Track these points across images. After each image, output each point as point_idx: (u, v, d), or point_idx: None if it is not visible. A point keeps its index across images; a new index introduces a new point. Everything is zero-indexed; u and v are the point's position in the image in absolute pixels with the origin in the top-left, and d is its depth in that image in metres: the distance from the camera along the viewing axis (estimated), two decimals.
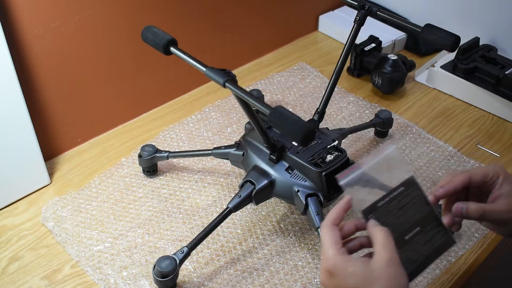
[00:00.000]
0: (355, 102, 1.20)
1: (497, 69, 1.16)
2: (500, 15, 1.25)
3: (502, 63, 1.17)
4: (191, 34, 1.15)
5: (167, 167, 1.02)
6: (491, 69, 1.16)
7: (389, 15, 0.90)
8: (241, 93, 0.71)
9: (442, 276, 0.84)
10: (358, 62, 1.26)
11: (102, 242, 0.88)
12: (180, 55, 0.77)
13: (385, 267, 0.55)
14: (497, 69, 1.16)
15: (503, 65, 1.17)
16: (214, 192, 0.98)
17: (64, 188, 0.98)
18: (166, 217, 0.93)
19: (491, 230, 0.72)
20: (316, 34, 1.45)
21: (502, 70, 1.15)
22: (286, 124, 0.64)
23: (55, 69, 0.96)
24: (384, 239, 0.57)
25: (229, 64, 1.29)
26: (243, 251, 0.87)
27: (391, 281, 0.55)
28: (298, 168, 0.83)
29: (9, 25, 0.87)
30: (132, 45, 1.05)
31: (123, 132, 1.11)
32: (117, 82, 1.07)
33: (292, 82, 1.26)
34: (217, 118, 1.15)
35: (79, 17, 0.95)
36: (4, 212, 0.93)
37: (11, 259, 0.85)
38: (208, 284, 0.82)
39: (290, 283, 0.82)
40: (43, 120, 0.99)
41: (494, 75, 1.14)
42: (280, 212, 0.94)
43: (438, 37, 0.82)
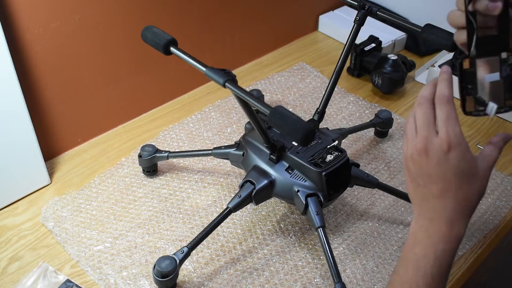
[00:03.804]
0: (355, 102, 1.20)
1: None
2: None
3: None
4: (191, 34, 1.15)
5: (167, 167, 1.02)
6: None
7: (389, 15, 0.90)
8: (241, 93, 0.71)
9: None
10: (358, 62, 1.26)
11: (102, 242, 0.88)
12: (180, 55, 0.77)
13: (487, 170, 0.59)
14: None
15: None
16: (214, 192, 0.98)
17: (64, 188, 0.98)
18: (166, 217, 0.93)
19: None
20: (316, 34, 1.45)
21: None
22: (286, 124, 0.64)
23: (55, 69, 0.96)
24: (492, 155, 0.60)
25: (229, 64, 1.29)
26: (243, 251, 0.87)
27: (485, 185, 0.60)
28: (298, 168, 0.83)
29: (9, 25, 0.87)
30: (132, 45, 1.05)
31: (123, 132, 1.11)
32: (117, 82, 1.07)
33: (292, 82, 1.26)
34: (217, 118, 1.15)
35: (79, 17, 0.95)
36: (4, 212, 0.93)
37: (11, 259, 0.86)
38: (208, 284, 0.82)
39: (290, 283, 0.82)
40: (43, 120, 0.99)
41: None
42: (280, 212, 0.94)
43: (438, 37, 0.82)
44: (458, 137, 0.57)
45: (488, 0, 0.58)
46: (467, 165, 0.58)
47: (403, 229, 0.91)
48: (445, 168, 0.58)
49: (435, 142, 0.58)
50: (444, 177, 0.58)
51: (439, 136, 0.58)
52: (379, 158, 1.06)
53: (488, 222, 0.93)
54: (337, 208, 0.95)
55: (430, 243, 0.59)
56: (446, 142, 0.57)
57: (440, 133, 0.58)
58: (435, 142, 0.58)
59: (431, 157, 0.58)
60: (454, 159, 0.57)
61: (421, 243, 0.60)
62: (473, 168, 0.58)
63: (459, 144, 0.57)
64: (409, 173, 0.62)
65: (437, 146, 0.58)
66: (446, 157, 0.57)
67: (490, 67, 0.60)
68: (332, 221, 0.92)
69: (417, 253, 0.60)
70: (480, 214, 0.94)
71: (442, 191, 0.59)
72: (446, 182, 0.58)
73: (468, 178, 0.58)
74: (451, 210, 0.59)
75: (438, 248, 0.59)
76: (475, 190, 0.59)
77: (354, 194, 0.98)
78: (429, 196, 0.60)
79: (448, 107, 0.58)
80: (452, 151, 0.57)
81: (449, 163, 0.57)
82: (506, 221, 0.93)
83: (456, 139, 0.57)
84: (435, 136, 0.58)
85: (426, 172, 0.59)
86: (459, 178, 0.58)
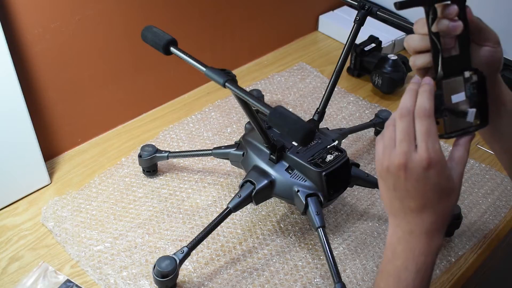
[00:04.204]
0: (355, 102, 1.20)
1: None
2: (498, 15, 1.25)
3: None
4: (191, 34, 1.15)
5: (167, 167, 1.02)
6: None
7: (389, 15, 0.90)
8: (241, 93, 0.71)
9: (442, 276, 0.84)
10: (358, 62, 1.26)
11: (102, 242, 0.88)
12: (180, 55, 0.77)
13: (460, 175, 0.59)
14: None
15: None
16: (214, 192, 0.98)
17: (64, 188, 0.98)
18: (166, 217, 0.93)
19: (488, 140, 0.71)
20: (316, 34, 1.45)
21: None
22: (286, 124, 0.64)
23: (55, 69, 0.96)
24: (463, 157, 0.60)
25: (229, 64, 1.29)
26: (243, 251, 0.87)
27: (458, 195, 0.60)
28: (298, 168, 0.83)
29: (9, 25, 0.87)
30: (132, 45, 1.05)
31: (123, 132, 1.11)
32: (117, 82, 1.07)
33: (292, 82, 1.26)
34: (217, 118, 1.15)
35: (79, 17, 0.95)
36: (4, 212, 0.93)
37: (11, 259, 0.85)
38: (208, 284, 0.82)
39: (290, 283, 0.82)
40: (43, 120, 0.99)
41: None
42: (280, 212, 0.94)
43: None
44: (437, 154, 0.56)
45: (449, 21, 0.59)
46: (446, 181, 0.58)
47: None
48: (424, 185, 0.57)
49: (414, 158, 0.56)
50: (423, 193, 0.57)
51: (419, 152, 0.56)
52: None
53: (488, 222, 0.93)
54: (337, 208, 0.95)
55: (412, 256, 0.59)
56: (426, 159, 0.56)
57: (420, 149, 0.56)
58: (414, 159, 0.56)
59: (410, 173, 0.57)
60: (434, 176, 0.56)
61: (402, 256, 0.60)
62: (451, 183, 0.58)
63: (439, 162, 0.56)
64: (384, 183, 0.60)
65: (417, 163, 0.56)
66: (425, 174, 0.56)
67: (454, 88, 0.61)
68: (332, 221, 0.92)
69: (398, 265, 0.60)
70: (480, 214, 0.94)
71: (421, 206, 0.58)
72: (425, 199, 0.58)
73: (447, 193, 0.58)
74: (430, 224, 0.58)
75: (419, 261, 0.59)
76: (452, 202, 0.59)
77: (354, 194, 0.98)
78: (407, 210, 0.59)
79: (428, 121, 0.57)
80: (432, 169, 0.56)
81: (429, 181, 0.57)
82: (506, 221, 0.93)
83: (436, 156, 0.56)
84: (415, 152, 0.57)
85: (404, 187, 0.58)
86: (438, 194, 0.58)
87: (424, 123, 0.57)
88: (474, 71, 0.61)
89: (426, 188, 0.57)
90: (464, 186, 0.99)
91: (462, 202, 0.96)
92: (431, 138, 0.56)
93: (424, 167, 0.56)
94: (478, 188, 0.99)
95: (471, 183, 1.00)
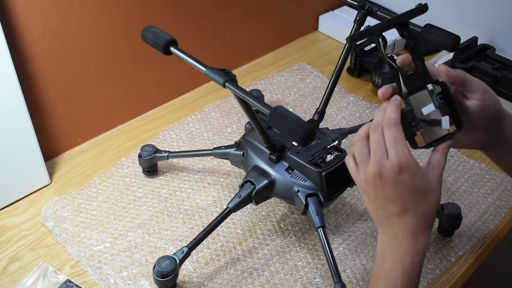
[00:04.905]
0: (355, 102, 1.20)
1: (495, 69, 1.15)
2: (498, 14, 1.25)
3: (500, 63, 1.17)
4: (191, 34, 1.15)
5: (167, 167, 1.02)
6: (489, 69, 1.15)
7: (389, 15, 0.90)
8: (241, 93, 0.71)
9: (442, 276, 0.84)
10: (358, 62, 1.26)
11: (102, 242, 0.88)
12: (180, 55, 0.77)
13: (438, 178, 0.63)
14: (495, 68, 1.16)
15: (501, 64, 1.17)
16: (214, 192, 0.98)
17: (64, 188, 0.98)
18: (166, 217, 0.93)
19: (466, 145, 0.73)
20: (316, 34, 1.45)
21: (500, 70, 1.15)
22: (286, 124, 0.64)
23: (55, 69, 0.96)
24: (440, 161, 0.64)
25: (229, 64, 1.29)
26: (243, 251, 0.87)
27: (439, 193, 0.63)
28: (298, 168, 0.83)
29: (9, 25, 0.87)
30: (132, 45, 1.05)
31: (123, 132, 1.11)
32: (117, 82, 1.07)
33: (292, 82, 1.26)
34: (217, 118, 1.15)
35: (79, 17, 0.95)
36: (4, 212, 0.93)
37: (11, 259, 0.85)
38: (208, 284, 0.82)
39: (290, 283, 0.82)
40: (43, 120, 0.99)
41: (492, 75, 1.14)
42: (280, 212, 0.94)
43: (438, 37, 0.82)
44: (407, 158, 0.60)
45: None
46: (421, 182, 0.61)
47: None
48: (401, 189, 0.61)
49: (387, 165, 0.60)
50: (401, 197, 0.61)
51: (390, 159, 0.60)
52: None
53: (488, 222, 0.93)
54: (337, 208, 0.95)
55: (398, 258, 0.62)
56: (397, 164, 0.60)
57: (390, 155, 0.60)
58: (387, 165, 0.60)
59: (385, 179, 0.61)
60: (408, 179, 0.60)
61: (389, 259, 0.63)
62: (426, 183, 0.62)
63: (409, 164, 0.60)
64: (367, 196, 0.64)
65: (390, 168, 0.60)
66: (399, 178, 0.60)
67: (422, 101, 0.66)
68: (332, 221, 0.92)
69: (386, 267, 0.63)
70: (480, 214, 0.94)
71: (402, 210, 0.61)
72: (404, 202, 0.61)
73: (424, 193, 0.61)
74: (413, 225, 0.62)
75: (405, 261, 0.62)
76: (431, 202, 0.62)
77: (354, 194, 0.98)
78: (391, 215, 0.63)
79: (395, 129, 0.61)
80: (404, 172, 0.60)
81: (404, 184, 0.60)
82: (506, 221, 0.93)
83: (405, 159, 0.60)
84: (387, 160, 0.61)
85: (383, 194, 0.62)
86: (416, 195, 0.61)
87: (391, 131, 0.61)
88: (436, 83, 0.66)
89: (403, 192, 0.61)
90: (464, 186, 0.99)
91: (462, 202, 0.96)
92: (399, 144, 0.60)
93: (396, 171, 0.60)
94: (478, 188, 0.99)
95: (471, 183, 1.00)
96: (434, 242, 0.89)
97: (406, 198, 0.61)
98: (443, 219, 0.88)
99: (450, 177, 1.01)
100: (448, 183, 1.00)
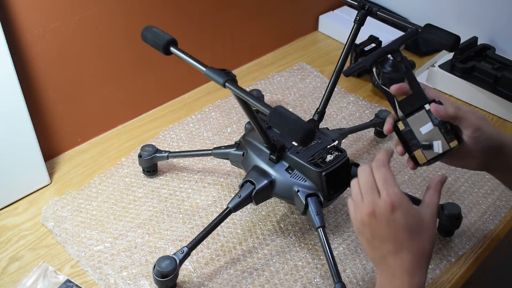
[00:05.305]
0: (355, 102, 1.20)
1: (495, 69, 1.15)
2: (498, 14, 1.25)
3: (500, 63, 1.17)
4: (191, 34, 1.15)
5: (167, 167, 1.02)
6: (489, 69, 1.15)
7: (389, 15, 0.90)
8: (241, 93, 0.71)
9: (442, 276, 0.84)
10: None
11: (102, 242, 0.88)
12: (180, 55, 0.77)
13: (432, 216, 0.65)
14: (495, 68, 1.16)
15: (501, 64, 1.17)
16: (214, 192, 0.98)
17: (64, 188, 0.98)
18: (166, 217, 0.93)
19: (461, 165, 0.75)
20: (316, 34, 1.45)
21: (500, 70, 1.15)
22: (286, 124, 0.64)
23: (55, 69, 0.96)
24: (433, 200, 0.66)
25: (229, 64, 1.29)
26: (243, 251, 0.87)
27: (434, 231, 0.64)
28: (298, 168, 0.83)
29: (9, 25, 0.87)
30: (132, 45, 1.05)
31: (123, 132, 1.11)
32: (117, 82, 1.07)
33: (292, 82, 1.26)
34: (217, 118, 1.15)
35: (79, 17, 0.95)
36: (4, 212, 0.93)
37: (11, 259, 0.86)
38: (208, 284, 0.82)
39: (290, 283, 0.82)
40: (43, 120, 0.99)
41: (492, 75, 1.14)
42: (280, 212, 0.94)
43: (438, 37, 0.82)
44: (398, 197, 0.62)
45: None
46: (413, 220, 0.63)
47: None
48: (394, 227, 0.62)
49: (380, 204, 0.63)
50: (395, 235, 0.63)
51: (382, 198, 0.63)
52: None
53: (488, 222, 0.93)
54: (337, 208, 0.95)
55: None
56: (389, 203, 0.62)
57: (382, 195, 0.63)
58: (380, 205, 0.63)
59: (379, 218, 0.63)
60: (400, 217, 0.62)
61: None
62: (419, 221, 0.63)
63: (401, 203, 0.62)
64: (363, 237, 0.66)
65: (383, 208, 0.62)
66: (392, 216, 0.62)
67: (420, 121, 0.70)
68: (332, 221, 0.92)
69: None
70: (480, 214, 0.94)
71: (397, 248, 0.63)
72: (398, 240, 0.63)
73: (417, 231, 0.63)
74: (409, 263, 0.63)
75: None
76: (426, 239, 0.63)
77: None
78: (387, 254, 0.64)
79: (384, 169, 0.64)
80: (397, 211, 0.62)
81: (397, 222, 0.62)
82: (506, 221, 0.93)
83: (397, 198, 0.62)
84: (379, 199, 0.63)
85: (378, 234, 0.64)
86: (409, 233, 0.63)
87: (380, 172, 0.64)
88: (433, 102, 0.69)
89: (396, 230, 0.62)
90: (464, 186, 0.99)
91: (462, 202, 0.96)
92: (390, 184, 0.63)
93: (389, 210, 0.62)
94: (478, 188, 0.99)
95: (471, 183, 1.00)
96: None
97: (399, 236, 0.63)
98: (443, 219, 0.88)
99: (450, 177, 1.01)
100: (448, 183, 1.00)
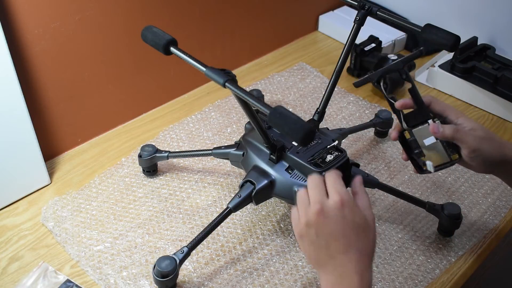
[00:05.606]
0: (355, 102, 1.20)
1: (495, 69, 1.15)
2: (498, 15, 1.25)
3: (500, 63, 1.17)
4: (191, 34, 1.15)
5: (167, 167, 1.02)
6: (489, 69, 1.15)
7: (389, 15, 0.90)
8: (241, 93, 0.71)
9: (442, 276, 0.84)
10: (358, 62, 1.26)
11: (102, 242, 0.88)
12: (180, 55, 0.77)
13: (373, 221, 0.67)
14: (495, 68, 1.16)
15: (501, 64, 1.17)
16: (214, 192, 0.98)
17: (64, 188, 0.98)
18: (166, 217, 0.93)
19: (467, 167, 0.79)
20: (316, 34, 1.45)
21: (500, 70, 1.15)
22: (286, 124, 0.64)
23: (55, 69, 0.96)
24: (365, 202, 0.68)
25: (229, 64, 1.29)
26: (243, 251, 0.87)
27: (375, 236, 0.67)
28: (298, 168, 0.83)
29: (9, 25, 0.87)
30: (132, 45, 1.05)
31: (123, 132, 1.11)
32: (117, 82, 1.07)
33: (292, 82, 1.26)
34: (217, 118, 1.15)
35: (79, 17, 0.95)
36: (4, 212, 0.93)
37: (11, 259, 0.86)
38: (208, 284, 0.82)
39: (290, 283, 0.82)
40: (43, 120, 0.99)
41: (492, 75, 1.14)
42: (280, 212, 0.94)
43: (438, 37, 0.81)
44: (347, 195, 0.64)
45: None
46: (360, 218, 0.64)
47: (403, 229, 0.91)
48: (344, 224, 0.63)
49: (328, 203, 0.64)
50: (343, 233, 0.63)
51: (331, 196, 0.65)
52: (379, 158, 1.06)
53: (488, 222, 0.93)
54: None
55: None
56: (339, 200, 0.64)
57: (331, 194, 0.65)
58: (328, 203, 0.64)
59: (328, 216, 0.64)
60: (349, 214, 0.64)
61: None
62: (364, 219, 0.65)
63: (349, 201, 0.64)
64: (307, 238, 0.66)
65: (332, 205, 0.64)
66: (342, 214, 0.63)
67: (424, 134, 0.76)
68: None
69: None
70: (480, 214, 0.94)
71: (346, 246, 0.63)
72: (347, 237, 0.63)
73: (364, 230, 0.65)
74: (357, 261, 0.63)
75: None
76: (370, 239, 0.65)
77: None
78: (335, 253, 0.64)
79: (334, 174, 0.67)
80: (346, 208, 0.64)
81: (346, 219, 0.63)
82: (506, 221, 0.93)
83: (346, 196, 0.64)
84: (327, 199, 0.65)
85: (327, 232, 0.64)
86: (357, 231, 0.64)
87: (331, 176, 0.67)
88: (434, 119, 0.75)
89: (345, 227, 0.63)
90: (464, 186, 0.99)
91: (462, 202, 0.96)
92: (338, 183, 0.66)
93: (338, 207, 0.63)
94: (478, 188, 0.99)
95: (471, 183, 1.00)
96: (434, 242, 0.89)
97: (348, 234, 0.63)
98: (443, 219, 0.88)
99: (450, 177, 1.01)
100: (448, 183, 1.00)
